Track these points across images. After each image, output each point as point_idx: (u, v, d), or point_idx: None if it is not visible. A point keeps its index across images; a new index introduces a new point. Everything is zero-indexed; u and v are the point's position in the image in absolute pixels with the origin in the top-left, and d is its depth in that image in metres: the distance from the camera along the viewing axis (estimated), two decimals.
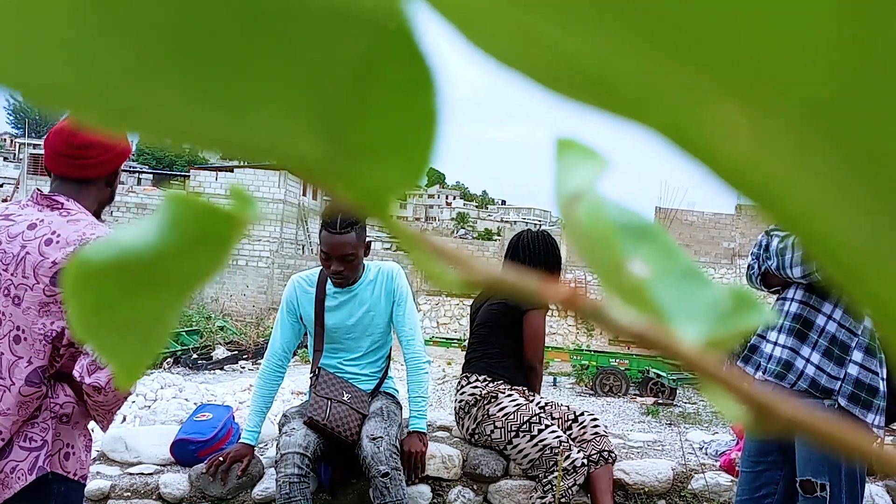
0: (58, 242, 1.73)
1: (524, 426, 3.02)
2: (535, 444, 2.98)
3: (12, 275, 1.72)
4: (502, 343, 3.18)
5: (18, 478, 1.72)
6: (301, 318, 2.97)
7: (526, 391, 3.21)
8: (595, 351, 12.85)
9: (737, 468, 3.29)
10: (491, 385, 3.14)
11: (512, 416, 3.05)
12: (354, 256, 2.80)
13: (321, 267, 2.97)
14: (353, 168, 0.16)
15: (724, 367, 0.18)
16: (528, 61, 0.14)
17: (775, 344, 2.16)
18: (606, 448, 3.08)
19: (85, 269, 0.18)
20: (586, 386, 11.58)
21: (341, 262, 2.79)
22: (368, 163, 0.16)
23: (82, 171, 1.85)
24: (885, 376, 2.06)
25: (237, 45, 0.14)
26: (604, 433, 3.14)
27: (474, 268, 0.19)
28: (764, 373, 2.18)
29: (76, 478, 1.84)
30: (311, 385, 2.94)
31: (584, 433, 3.12)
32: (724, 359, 0.18)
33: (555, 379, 12.02)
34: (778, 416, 0.17)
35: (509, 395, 3.11)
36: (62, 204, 1.82)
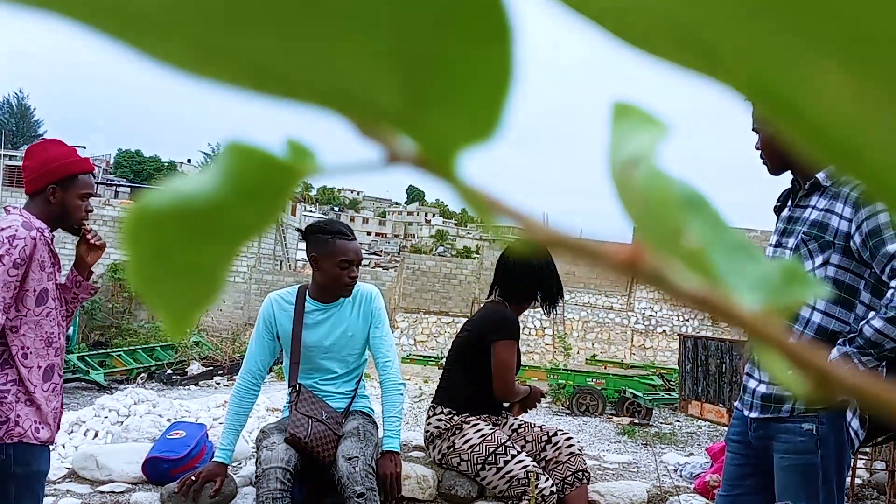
0: None
1: (490, 458, 2.99)
2: (502, 477, 2.96)
3: None
4: (470, 372, 3.13)
5: None
6: (278, 337, 2.95)
7: (495, 418, 3.19)
8: (572, 370, 12.86)
9: (712, 490, 3.30)
10: (456, 418, 3.10)
11: (477, 448, 3.02)
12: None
13: (299, 285, 2.96)
14: (425, 117, 0.16)
15: (785, 335, 0.17)
16: (613, 15, 0.14)
17: (759, 381, 2.16)
18: (581, 468, 3.07)
19: (143, 217, 0.18)
20: (563, 405, 11.58)
21: (357, 267, 2.84)
22: (440, 113, 0.16)
23: (25, 188, 2.30)
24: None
25: None
26: (578, 452, 3.12)
27: (536, 226, 0.18)
28: (750, 408, 2.17)
29: (34, 441, 2.19)
30: (290, 401, 2.92)
31: (559, 454, 3.11)
32: (783, 326, 0.18)
33: None
34: (838, 383, 0.17)
35: (475, 426, 3.08)
36: (9, 211, 2.25)
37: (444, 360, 3.31)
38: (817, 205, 2.05)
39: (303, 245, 2.94)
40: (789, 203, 2.17)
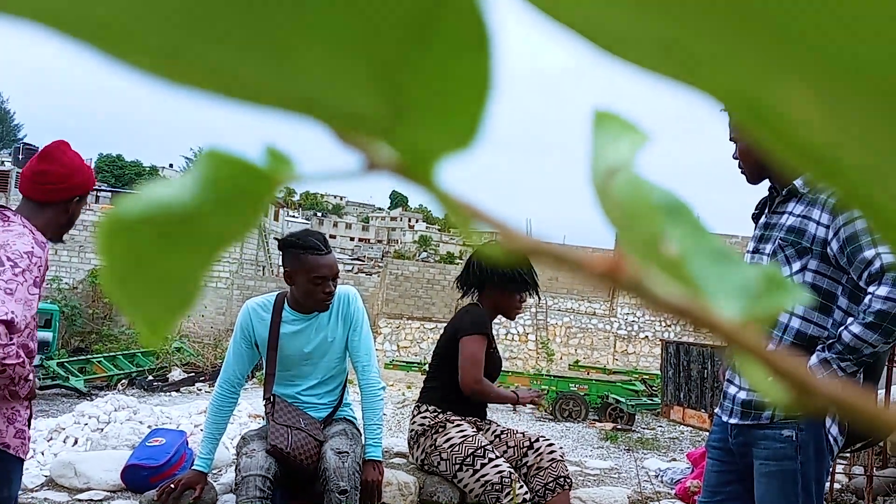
0: None
1: (468, 459, 3.00)
2: (478, 480, 2.97)
3: None
4: (450, 372, 3.15)
5: None
6: (257, 345, 2.93)
7: (479, 421, 3.20)
8: (555, 376, 12.88)
9: (692, 496, 3.32)
10: (440, 416, 3.12)
11: (457, 449, 3.03)
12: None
13: (277, 292, 2.95)
14: (403, 126, 0.16)
15: (765, 344, 0.17)
16: (593, 24, 0.14)
17: (740, 387, 2.17)
18: (563, 474, 3.08)
19: (119, 222, 0.18)
20: (546, 411, 11.59)
21: (334, 281, 2.80)
22: (418, 122, 0.16)
23: (40, 195, 2.11)
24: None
25: None
26: (560, 458, 3.13)
27: (515, 235, 0.18)
28: (731, 414, 2.18)
29: (14, 453, 2.07)
30: (266, 412, 2.90)
31: (541, 460, 3.11)
32: (763, 336, 0.18)
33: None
34: (817, 394, 0.17)
35: (457, 426, 3.09)
36: (9, 217, 2.06)
37: (431, 357, 3.34)
38: (794, 211, 2.07)
39: None
40: (766, 210, 2.19)
